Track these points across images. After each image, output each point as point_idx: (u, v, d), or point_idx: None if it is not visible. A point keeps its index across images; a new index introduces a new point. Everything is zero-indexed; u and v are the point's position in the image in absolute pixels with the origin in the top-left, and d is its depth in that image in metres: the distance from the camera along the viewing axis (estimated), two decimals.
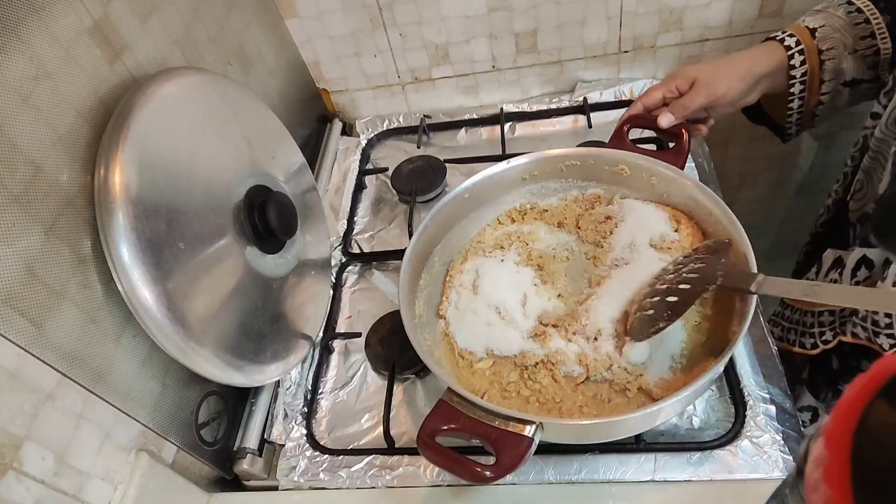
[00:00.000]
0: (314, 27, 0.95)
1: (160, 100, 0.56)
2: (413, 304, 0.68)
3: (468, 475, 0.51)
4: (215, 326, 0.58)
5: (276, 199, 0.65)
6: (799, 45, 0.69)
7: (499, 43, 0.95)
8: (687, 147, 0.71)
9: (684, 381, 0.57)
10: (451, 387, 0.56)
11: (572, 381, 0.60)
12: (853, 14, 0.69)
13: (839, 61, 0.69)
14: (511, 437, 0.52)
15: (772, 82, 0.71)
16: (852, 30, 0.68)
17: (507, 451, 0.51)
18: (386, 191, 0.94)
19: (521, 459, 0.51)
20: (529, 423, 0.52)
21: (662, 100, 0.72)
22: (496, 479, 0.51)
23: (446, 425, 0.54)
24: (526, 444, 0.51)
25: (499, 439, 0.52)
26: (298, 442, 0.69)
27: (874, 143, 0.63)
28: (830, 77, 0.70)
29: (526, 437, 0.51)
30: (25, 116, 0.47)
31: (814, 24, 0.70)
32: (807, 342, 0.71)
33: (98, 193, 0.51)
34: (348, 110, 1.08)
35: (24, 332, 0.46)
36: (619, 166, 0.71)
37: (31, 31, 0.49)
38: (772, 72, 0.70)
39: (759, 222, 1.25)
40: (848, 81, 0.70)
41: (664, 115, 0.70)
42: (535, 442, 0.52)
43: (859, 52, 0.68)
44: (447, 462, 0.53)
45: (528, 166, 0.74)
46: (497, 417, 0.53)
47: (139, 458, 0.56)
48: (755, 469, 0.57)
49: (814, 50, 0.69)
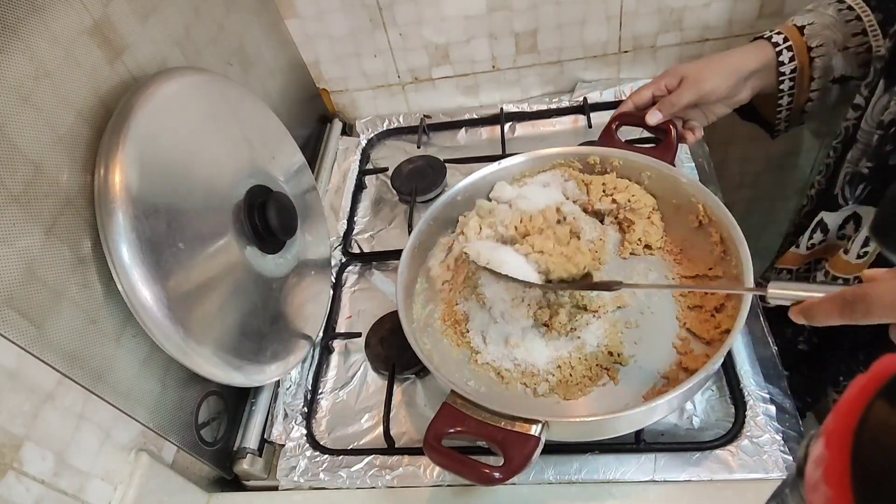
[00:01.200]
0: (314, 27, 0.95)
1: (160, 100, 0.56)
2: (411, 305, 0.68)
3: (477, 477, 0.51)
4: (215, 326, 0.58)
5: (276, 199, 0.65)
6: (787, 41, 0.69)
7: (499, 43, 0.95)
8: (675, 143, 0.71)
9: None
10: (454, 389, 0.55)
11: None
12: (844, 12, 0.69)
13: (829, 58, 0.69)
14: (518, 438, 0.51)
15: (761, 80, 0.71)
16: (843, 27, 0.69)
17: (514, 451, 0.51)
18: (386, 191, 0.94)
19: (530, 459, 0.51)
20: (535, 423, 0.52)
21: (652, 98, 0.73)
22: (505, 481, 0.50)
23: (452, 428, 0.54)
24: (533, 444, 0.51)
25: (506, 440, 0.52)
26: (298, 442, 0.69)
27: (861, 135, 0.63)
28: (820, 74, 0.70)
29: (533, 437, 0.51)
30: (25, 116, 0.47)
31: (802, 21, 0.70)
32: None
33: (98, 193, 0.51)
34: (348, 110, 1.08)
35: (24, 332, 0.46)
36: (614, 161, 0.72)
37: (31, 31, 0.49)
38: (760, 69, 0.70)
39: (759, 222, 1.25)
40: (837, 78, 0.70)
41: (652, 113, 0.71)
42: (542, 441, 0.52)
43: (850, 49, 0.69)
44: (455, 465, 0.52)
45: (523, 166, 0.75)
46: (502, 418, 0.53)
47: (139, 458, 0.56)
48: (755, 469, 0.57)
49: (803, 47, 0.69)
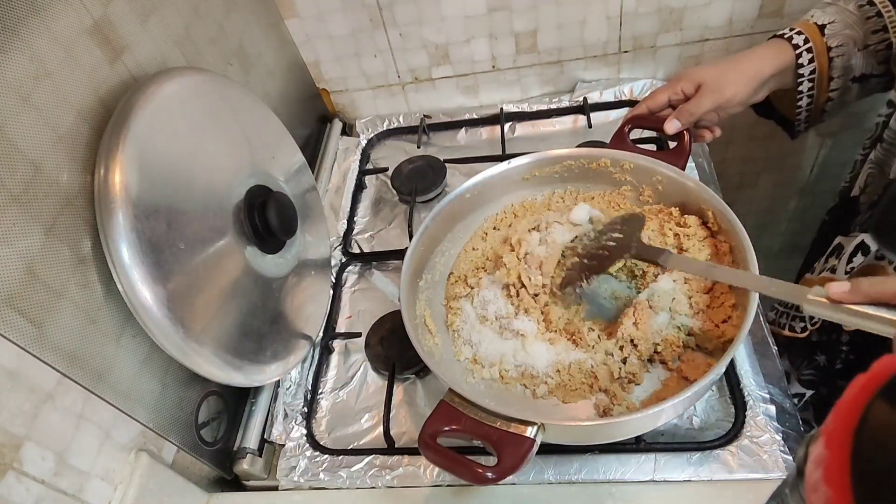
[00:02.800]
0: (314, 27, 0.95)
1: (160, 100, 0.56)
2: (414, 305, 0.68)
3: (470, 476, 0.51)
4: (215, 326, 0.58)
5: (276, 199, 0.65)
6: (807, 42, 0.68)
7: (499, 43, 0.95)
8: (688, 148, 0.70)
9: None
10: (453, 388, 0.55)
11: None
12: (865, 8, 0.67)
13: (849, 58, 0.68)
14: (513, 438, 0.52)
15: (780, 81, 0.70)
16: (864, 24, 0.67)
17: (508, 452, 0.51)
18: (386, 191, 0.94)
19: (523, 460, 0.51)
20: (531, 424, 0.52)
21: (667, 102, 0.72)
22: (498, 481, 0.51)
23: (448, 426, 0.54)
24: (528, 446, 0.51)
25: (500, 440, 0.52)
26: (298, 442, 0.69)
27: (888, 133, 0.62)
28: (840, 74, 0.69)
29: (528, 439, 0.51)
30: (25, 116, 0.47)
31: (823, 19, 0.68)
32: (797, 326, 0.73)
33: (98, 193, 0.51)
34: (348, 110, 1.08)
35: (24, 332, 0.46)
36: (624, 164, 0.71)
37: (31, 31, 0.49)
38: (780, 72, 0.69)
39: (759, 222, 1.25)
40: (857, 77, 0.69)
41: (670, 122, 0.69)
42: (537, 443, 0.52)
43: (870, 48, 0.67)
44: (449, 463, 0.53)
45: (529, 167, 0.74)
46: (498, 418, 0.53)
47: (139, 458, 0.56)
48: (755, 469, 0.57)
49: (823, 48, 0.67)
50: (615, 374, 0.60)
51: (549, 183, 0.76)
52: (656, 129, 0.72)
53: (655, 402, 0.56)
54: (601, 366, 0.61)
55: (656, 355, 0.61)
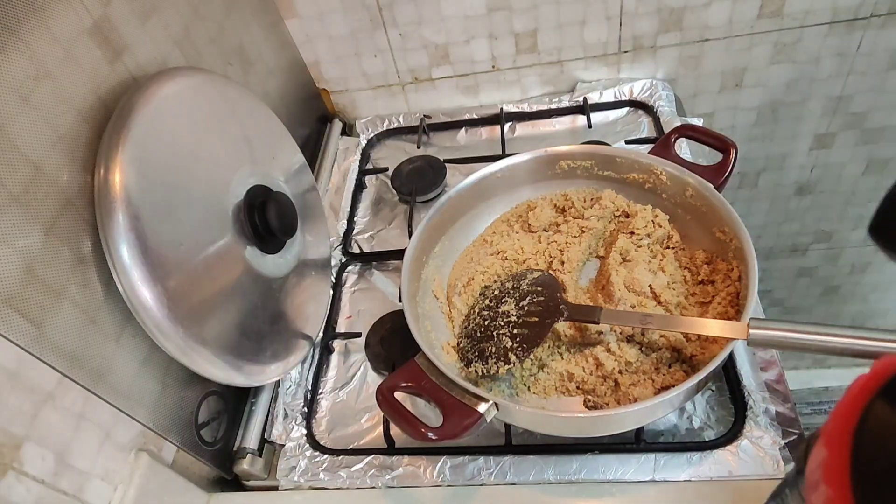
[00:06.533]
0: (314, 27, 0.95)
1: (160, 100, 0.56)
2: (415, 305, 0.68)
3: (412, 431, 0.54)
4: (215, 326, 0.58)
5: (276, 199, 0.65)
6: None
7: (499, 43, 0.95)
8: (731, 168, 0.66)
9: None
10: (426, 353, 0.57)
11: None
12: None
13: None
14: (462, 408, 0.54)
15: None
16: None
17: (454, 419, 0.54)
18: (386, 191, 0.94)
19: (465, 430, 0.53)
20: (484, 401, 0.54)
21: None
22: (438, 442, 0.53)
23: (406, 383, 0.57)
24: (475, 418, 0.53)
25: (452, 406, 0.55)
26: (298, 442, 0.69)
27: None
28: None
29: (477, 412, 0.54)
30: (25, 116, 0.47)
31: None
32: None
33: (98, 193, 0.51)
34: (348, 110, 1.08)
35: (24, 332, 0.46)
36: (657, 170, 0.70)
37: (31, 31, 0.49)
38: None
39: (759, 222, 1.25)
40: None
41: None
42: (486, 419, 0.54)
43: None
44: (398, 418, 0.55)
45: (528, 164, 0.75)
46: (456, 388, 0.56)
47: (139, 458, 0.56)
48: (755, 469, 0.57)
49: None
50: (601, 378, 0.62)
51: (550, 182, 0.76)
52: (704, 141, 0.69)
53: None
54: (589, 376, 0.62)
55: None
